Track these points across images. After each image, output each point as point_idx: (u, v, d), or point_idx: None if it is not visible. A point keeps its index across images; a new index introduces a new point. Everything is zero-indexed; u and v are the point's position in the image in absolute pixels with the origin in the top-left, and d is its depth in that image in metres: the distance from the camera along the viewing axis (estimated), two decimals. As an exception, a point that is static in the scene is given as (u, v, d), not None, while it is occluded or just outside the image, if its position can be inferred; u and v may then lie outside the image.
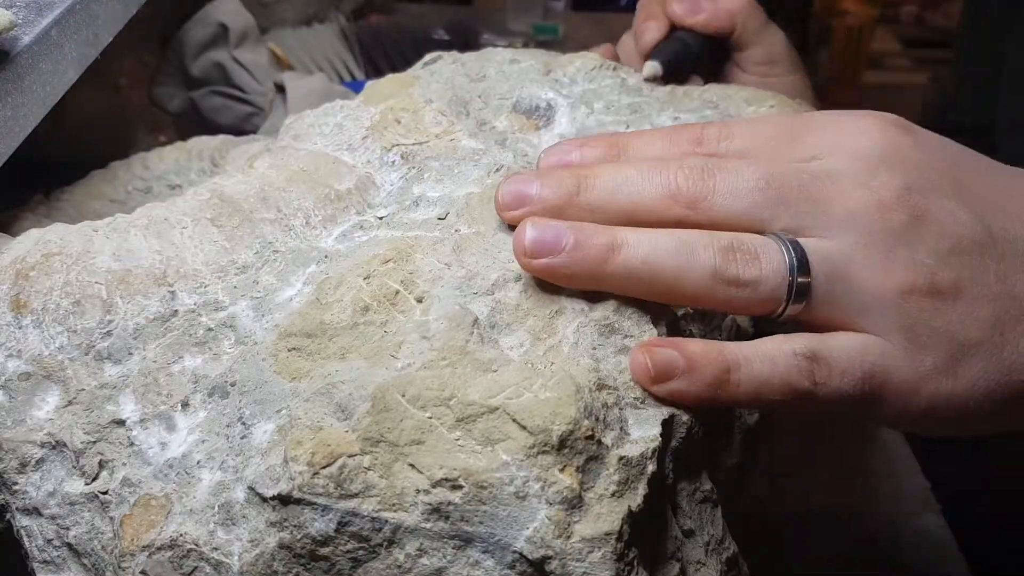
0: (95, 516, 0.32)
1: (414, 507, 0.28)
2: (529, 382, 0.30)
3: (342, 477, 0.28)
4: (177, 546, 0.29)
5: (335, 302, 0.33)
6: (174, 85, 0.66)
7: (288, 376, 0.32)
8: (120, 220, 0.38)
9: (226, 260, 0.37)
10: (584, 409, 0.29)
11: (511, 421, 0.28)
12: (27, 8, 0.41)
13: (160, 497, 0.31)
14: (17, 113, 0.39)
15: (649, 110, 0.44)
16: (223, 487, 0.30)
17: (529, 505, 0.27)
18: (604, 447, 0.29)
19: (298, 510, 0.28)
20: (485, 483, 0.27)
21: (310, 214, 0.39)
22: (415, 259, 0.35)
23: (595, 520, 0.28)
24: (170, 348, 0.34)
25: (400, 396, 0.29)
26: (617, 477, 0.28)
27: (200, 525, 0.30)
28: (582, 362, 0.31)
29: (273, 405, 0.31)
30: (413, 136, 0.43)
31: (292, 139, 0.44)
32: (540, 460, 0.28)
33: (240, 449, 0.31)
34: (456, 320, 0.32)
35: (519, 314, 0.33)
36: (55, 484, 0.33)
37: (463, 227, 0.36)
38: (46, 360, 0.34)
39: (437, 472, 0.28)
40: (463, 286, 0.33)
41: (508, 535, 0.27)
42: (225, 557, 0.29)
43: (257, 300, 0.36)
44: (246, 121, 0.67)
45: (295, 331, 0.33)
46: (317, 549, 0.28)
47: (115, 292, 0.35)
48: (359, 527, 0.28)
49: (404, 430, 0.28)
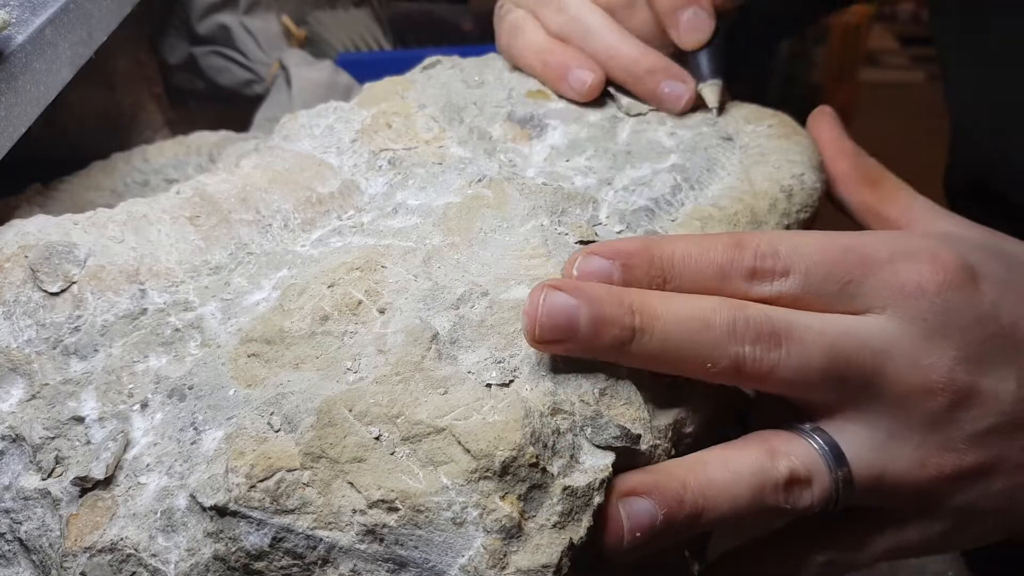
0: (46, 513, 0.32)
1: (349, 527, 0.27)
2: (480, 403, 0.29)
3: (279, 492, 0.27)
4: (117, 550, 0.29)
5: (296, 309, 0.33)
6: (177, 38, 0.66)
7: (244, 383, 0.31)
8: (100, 214, 0.38)
9: (200, 260, 0.37)
10: (531, 435, 0.28)
11: (456, 443, 0.28)
12: (21, 7, 0.41)
13: (107, 499, 0.30)
14: (11, 113, 0.39)
15: (646, 126, 0.43)
16: (167, 493, 0.30)
17: (466, 532, 0.27)
18: (549, 475, 0.28)
19: (234, 522, 0.27)
20: (422, 507, 0.27)
21: (289, 217, 0.39)
22: (383, 269, 0.34)
23: (533, 551, 0.27)
24: (136, 347, 0.34)
25: (347, 411, 0.29)
26: (560, 508, 0.27)
27: (142, 530, 0.29)
28: (541, 384, 0.30)
29: (225, 412, 0.31)
30: (403, 141, 0.42)
31: (282, 139, 0.44)
32: (481, 486, 0.27)
33: (188, 455, 0.30)
34: (414, 335, 0.31)
35: (482, 331, 0.32)
36: (11, 478, 0.33)
37: (437, 238, 0.36)
38: (13, 352, 0.34)
39: (375, 492, 0.27)
40: (428, 299, 0.33)
41: (442, 562, 0.27)
42: (162, 565, 0.28)
43: (226, 302, 0.35)
44: (245, 86, 0.67)
45: (256, 336, 0.32)
46: (251, 563, 0.27)
47: (86, 288, 0.35)
48: (293, 544, 0.27)
49: (347, 447, 0.28)
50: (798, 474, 0.31)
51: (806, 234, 0.34)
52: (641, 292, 0.31)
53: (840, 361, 0.31)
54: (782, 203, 0.39)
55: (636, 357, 0.30)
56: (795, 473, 0.31)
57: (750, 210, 0.39)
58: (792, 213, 0.39)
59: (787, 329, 0.31)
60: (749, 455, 0.31)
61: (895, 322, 0.32)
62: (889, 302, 0.32)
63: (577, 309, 0.30)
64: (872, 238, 0.34)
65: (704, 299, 0.31)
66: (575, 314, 0.30)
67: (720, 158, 0.42)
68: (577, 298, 0.30)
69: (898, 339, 0.31)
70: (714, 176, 0.40)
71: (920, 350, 0.31)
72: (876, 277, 0.32)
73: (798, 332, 0.31)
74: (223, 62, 0.67)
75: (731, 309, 0.31)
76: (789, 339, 0.31)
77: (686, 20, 0.42)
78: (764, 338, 0.31)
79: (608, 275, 0.32)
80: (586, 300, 0.30)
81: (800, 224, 0.40)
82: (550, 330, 0.30)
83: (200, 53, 0.68)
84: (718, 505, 0.30)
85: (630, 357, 0.30)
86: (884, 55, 2.29)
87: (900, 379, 0.31)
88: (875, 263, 0.32)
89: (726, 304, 0.31)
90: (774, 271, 0.32)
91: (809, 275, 0.32)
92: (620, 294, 0.31)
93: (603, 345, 0.30)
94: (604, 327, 0.30)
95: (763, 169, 0.41)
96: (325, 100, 0.46)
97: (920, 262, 0.32)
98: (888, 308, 0.32)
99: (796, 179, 0.40)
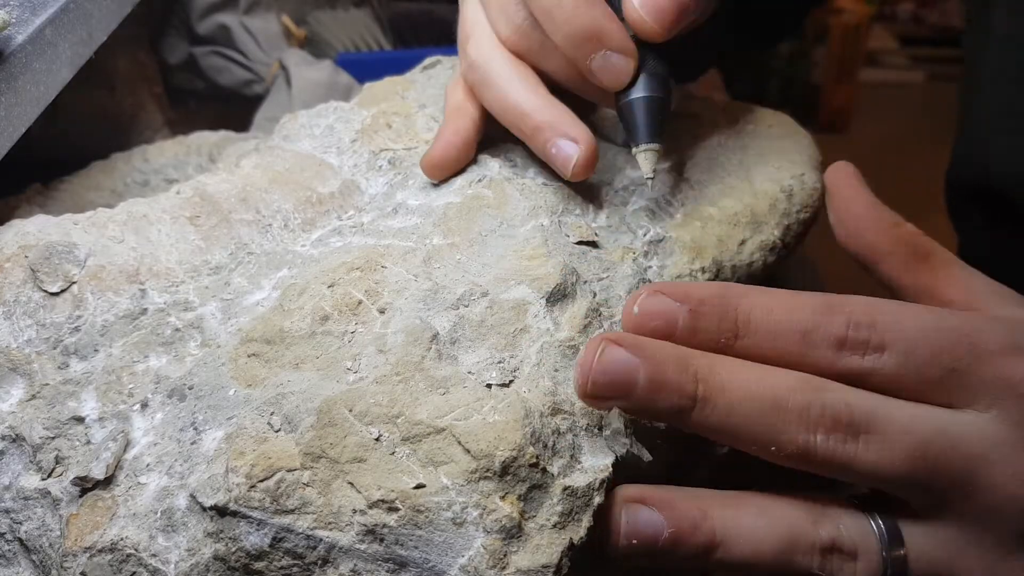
0: (46, 513, 0.32)
1: (349, 527, 0.27)
2: (480, 404, 0.29)
3: (279, 492, 0.27)
4: (117, 550, 0.29)
5: (296, 309, 0.33)
6: (177, 38, 0.66)
7: (244, 383, 0.31)
8: (100, 214, 0.38)
9: (200, 260, 0.37)
10: (531, 435, 0.28)
11: (456, 443, 0.28)
12: (21, 7, 0.41)
13: (107, 499, 0.30)
14: (10, 113, 0.39)
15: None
16: (167, 493, 0.30)
17: (466, 532, 0.27)
18: (549, 475, 0.28)
19: (234, 522, 0.27)
20: (422, 507, 0.27)
21: (289, 217, 0.39)
22: (383, 269, 0.34)
23: (533, 552, 0.27)
24: (136, 347, 0.34)
25: (347, 411, 0.29)
26: (560, 508, 0.27)
27: (142, 530, 0.29)
28: (541, 384, 0.30)
29: (225, 412, 0.31)
30: (403, 141, 0.42)
31: (282, 139, 0.44)
32: (481, 486, 0.27)
33: (189, 455, 0.30)
34: (414, 334, 0.31)
35: (482, 331, 0.32)
36: (11, 477, 0.33)
37: (437, 238, 0.36)
38: (13, 352, 0.34)
39: (375, 493, 0.27)
40: (428, 299, 0.33)
41: (442, 562, 0.26)
42: (162, 564, 0.28)
43: (227, 302, 0.35)
44: (245, 86, 0.67)
45: (256, 336, 0.32)
46: (251, 563, 0.27)
47: (86, 288, 0.35)
48: (294, 544, 0.27)
49: (347, 447, 0.28)
50: (842, 544, 0.28)
51: (910, 307, 0.30)
52: (709, 357, 0.28)
53: (927, 463, 0.28)
54: (782, 203, 0.39)
55: (695, 426, 0.28)
56: (839, 542, 0.28)
57: (750, 210, 0.39)
58: (792, 213, 0.39)
59: (868, 420, 0.28)
60: (792, 509, 0.29)
61: (999, 423, 0.28)
62: (996, 400, 0.28)
63: (636, 368, 0.27)
64: (984, 323, 0.30)
65: (780, 375, 0.28)
66: (634, 373, 0.27)
67: (720, 158, 0.42)
68: (638, 355, 0.27)
69: (1000, 443, 0.28)
70: (714, 176, 0.40)
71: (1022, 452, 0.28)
72: (985, 369, 0.28)
73: (881, 424, 0.28)
74: (223, 62, 0.67)
75: (808, 392, 0.28)
76: (870, 432, 0.28)
77: (597, 66, 0.35)
78: (841, 428, 0.27)
79: (673, 319, 0.29)
80: (647, 359, 0.27)
81: (800, 224, 0.40)
82: (604, 387, 0.27)
83: (200, 53, 0.68)
84: (737, 546, 0.28)
85: (689, 425, 0.28)
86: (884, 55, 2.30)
87: (996, 489, 0.28)
88: (986, 353, 0.29)
89: (803, 384, 0.28)
90: (868, 344, 0.28)
91: (909, 355, 0.28)
92: (686, 358, 0.28)
93: (660, 409, 0.28)
94: (663, 392, 0.27)
95: (763, 169, 0.41)
96: (325, 100, 0.46)
97: None
98: (994, 407, 0.28)
99: (796, 179, 0.40)
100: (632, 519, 0.28)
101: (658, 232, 0.37)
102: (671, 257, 0.37)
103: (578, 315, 0.32)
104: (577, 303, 0.33)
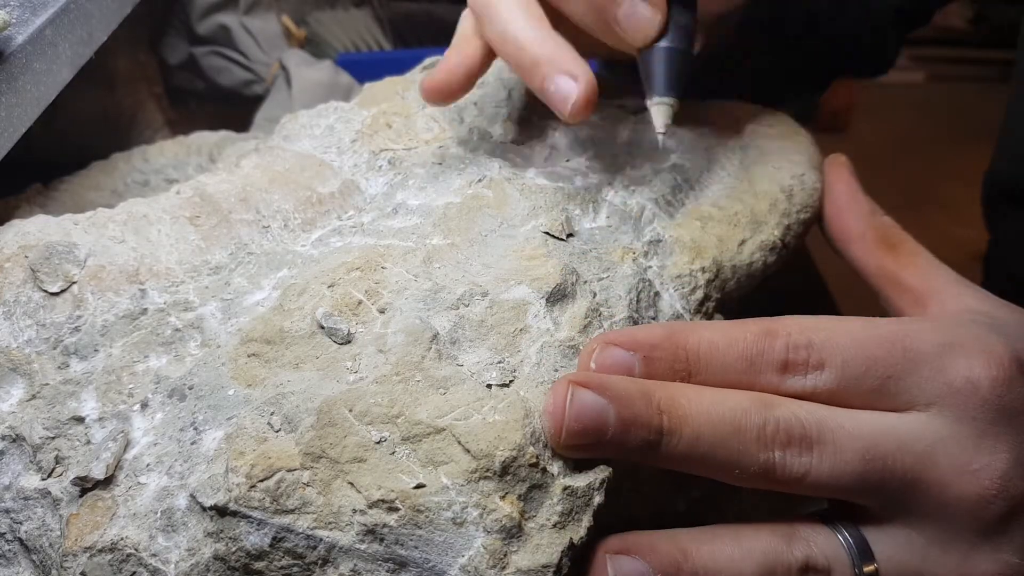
0: (46, 513, 0.32)
1: (350, 527, 0.27)
2: (480, 403, 0.29)
3: (279, 492, 0.27)
4: (117, 550, 0.29)
5: (296, 309, 0.33)
6: (177, 38, 0.66)
7: (244, 383, 0.31)
8: (100, 214, 0.38)
9: (200, 260, 0.37)
10: (531, 435, 0.28)
11: (456, 443, 0.28)
12: (21, 7, 0.41)
13: (107, 498, 0.30)
14: (11, 113, 0.39)
15: (647, 125, 0.43)
16: (167, 492, 0.30)
17: (466, 532, 0.27)
18: (549, 475, 0.28)
19: (234, 522, 0.27)
20: (422, 507, 0.27)
21: (289, 217, 0.39)
22: (383, 269, 0.34)
23: (533, 551, 0.27)
24: (136, 347, 0.34)
25: (347, 411, 0.29)
26: (561, 507, 0.27)
27: (142, 530, 0.29)
28: (541, 384, 0.30)
29: (225, 412, 0.31)
30: (403, 141, 0.42)
31: (283, 139, 0.44)
32: (481, 486, 0.27)
33: (189, 455, 0.30)
34: (415, 334, 0.31)
35: (482, 331, 0.32)
36: (11, 477, 0.33)
37: (437, 238, 0.36)
38: (13, 352, 0.34)
39: (375, 492, 0.27)
40: (428, 299, 0.33)
41: (442, 562, 0.27)
42: (162, 565, 0.28)
43: (227, 302, 0.35)
44: (245, 86, 0.67)
45: (255, 337, 0.32)
46: (251, 563, 0.27)
47: (86, 288, 0.35)
48: (294, 544, 0.27)
49: (347, 447, 0.28)
50: (816, 563, 0.29)
51: (842, 321, 0.31)
52: (668, 388, 0.29)
53: (877, 464, 0.28)
54: (782, 203, 0.39)
55: (663, 459, 0.28)
56: (812, 561, 0.29)
57: (750, 210, 0.39)
58: (792, 213, 0.39)
59: (819, 431, 0.28)
60: (765, 535, 0.29)
61: (941, 421, 0.29)
62: (935, 399, 0.29)
63: (606, 409, 0.28)
64: (915, 326, 0.31)
65: (734, 397, 0.29)
66: (604, 414, 0.28)
67: (720, 158, 0.42)
68: (604, 396, 0.28)
69: (944, 440, 0.29)
70: (714, 176, 0.40)
71: (970, 453, 0.29)
72: (921, 371, 0.29)
73: (830, 434, 0.29)
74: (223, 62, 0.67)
75: (762, 410, 0.28)
76: (821, 442, 0.28)
77: (624, 15, 0.34)
78: (795, 442, 0.28)
79: (629, 369, 0.29)
80: (615, 399, 0.28)
81: (801, 224, 0.40)
82: (579, 434, 0.28)
83: (200, 53, 0.68)
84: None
85: (658, 459, 0.28)
86: (884, 55, 2.29)
87: (946, 484, 0.29)
88: (920, 356, 0.29)
89: (756, 404, 0.29)
90: (807, 363, 0.29)
91: (846, 369, 0.29)
92: (648, 391, 0.28)
93: (631, 448, 0.28)
94: (633, 428, 0.28)
95: (763, 169, 0.41)
96: (325, 100, 0.46)
97: (970, 356, 0.29)
98: (934, 405, 0.29)
99: (796, 179, 0.40)
100: (619, 570, 0.28)
101: (658, 232, 0.37)
102: (671, 257, 0.37)
103: (578, 315, 0.32)
104: (577, 303, 0.33)
